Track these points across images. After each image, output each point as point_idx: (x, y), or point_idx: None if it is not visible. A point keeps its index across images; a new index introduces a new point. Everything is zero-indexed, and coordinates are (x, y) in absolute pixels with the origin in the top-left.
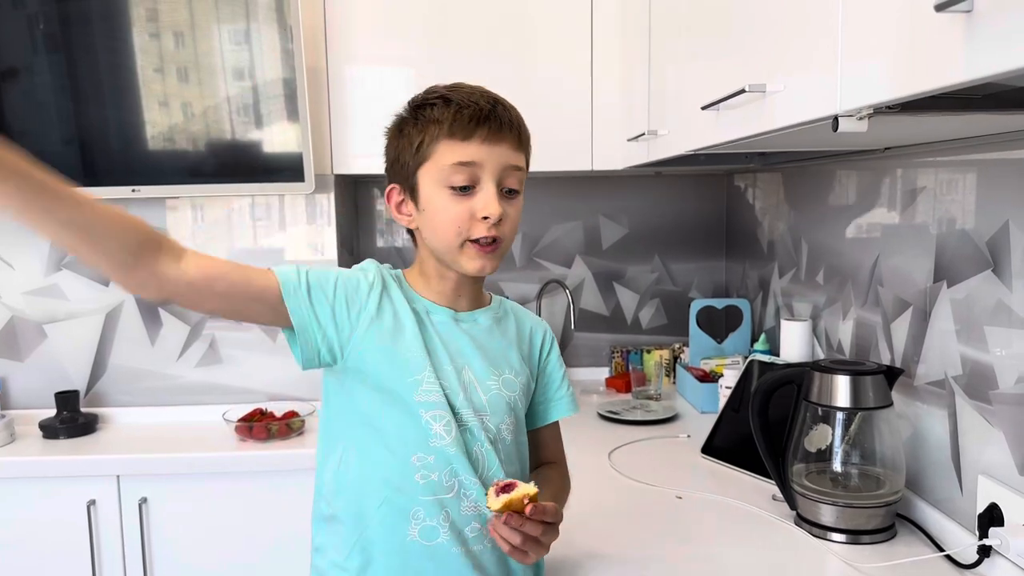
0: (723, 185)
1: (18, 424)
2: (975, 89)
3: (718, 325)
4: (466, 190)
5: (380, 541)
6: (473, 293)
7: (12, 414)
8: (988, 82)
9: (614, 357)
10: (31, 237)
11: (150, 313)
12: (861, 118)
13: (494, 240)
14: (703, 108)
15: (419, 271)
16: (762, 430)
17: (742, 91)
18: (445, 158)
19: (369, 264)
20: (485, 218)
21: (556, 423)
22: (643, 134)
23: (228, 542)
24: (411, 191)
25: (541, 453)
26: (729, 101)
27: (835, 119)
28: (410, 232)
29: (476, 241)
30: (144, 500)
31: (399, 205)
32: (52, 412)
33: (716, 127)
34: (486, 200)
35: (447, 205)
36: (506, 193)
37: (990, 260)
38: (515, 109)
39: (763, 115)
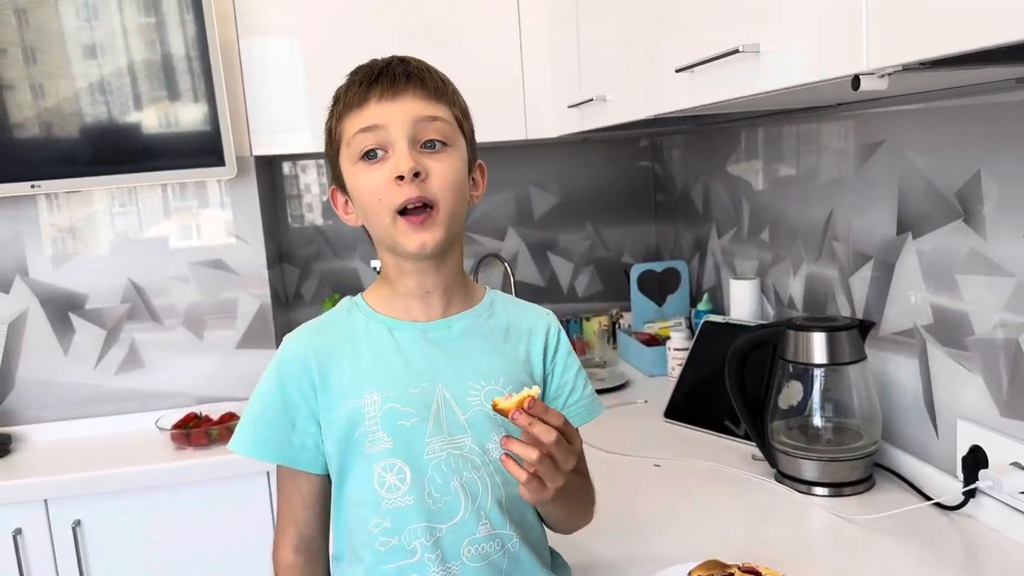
0: (649, 149)
1: None
2: None
3: (657, 288)
4: (374, 155)
5: None
6: (447, 288)
7: None
8: None
9: None
10: None
11: (60, 319)
12: (883, 76)
13: (424, 206)
14: (678, 70)
15: (382, 278)
16: (739, 391)
17: (735, 51)
18: (349, 131)
19: (285, 350)
20: (400, 178)
21: (576, 430)
22: (590, 100)
23: (177, 561)
24: (342, 185)
25: None
26: (712, 63)
27: (856, 78)
28: (367, 234)
29: (404, 212)
30: (78, 523)
31: (344, 206)
32: None
33: (691, 90)
34: (396, 157)
35: (363, 179)
36: (427, 148)
37: (960, 210)
38: (421, 61)
39: (755, 76)
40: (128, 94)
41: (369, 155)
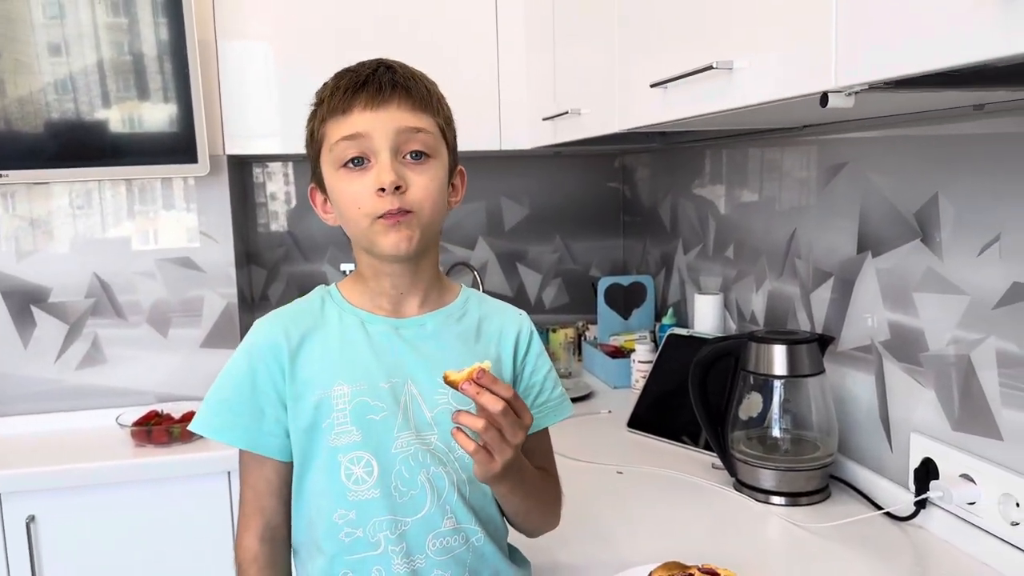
0: (619, 165)
1: None
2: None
3: (623, 302)
4: (359, 163)
5: None
6: (423, 290)
7: None
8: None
9: None
10: None
11: (20, 312)
12: (850, 95)
13: (401, 211)
14: (652, 85)
15: (357, 275)
16: (702, 400)
17: (709, 67)
18: (332, 137)
19: (256, 335)
20: (382, 190)
21: (545, 430)
22: (565, 113)
23: (133, 560)
24: (321, 185)
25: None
26: (686, 79)
27: (824, 95)
28: (345, 233)
29: (383, 216)
30: (32, 519)
31: (323, 205)
32: None
33: (664, 104)
34: (379, 168)
35: (345, 186)
36: (411, 159)
37: (918, 230)
38: (407, 68)
39: (728, 92)
40: (98, 91)
41: (352, 162)
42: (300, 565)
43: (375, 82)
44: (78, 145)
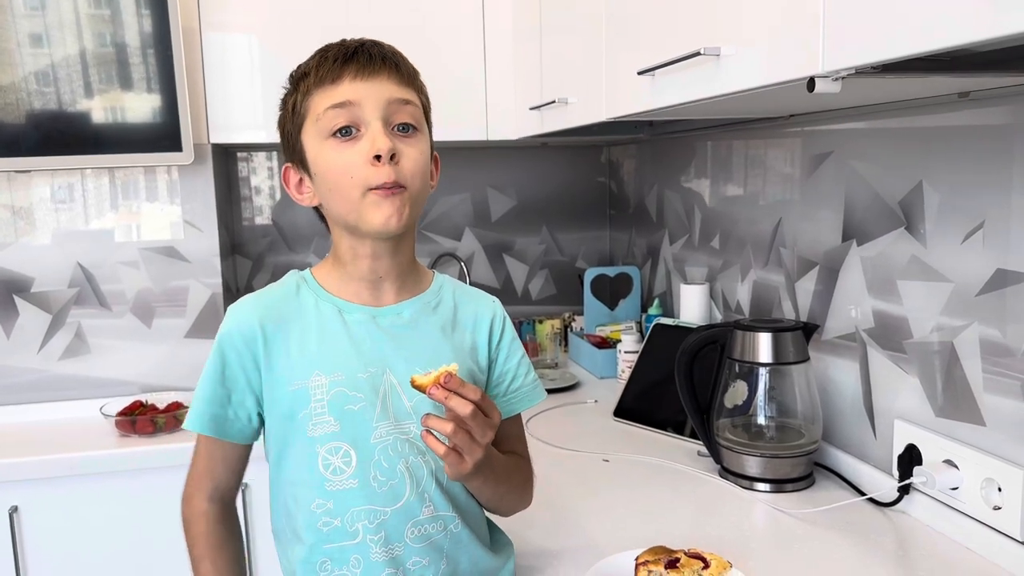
0: (605, 156)
1: None
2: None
3: (609, 292)
4: (348, 132)
5: None
6: (400, 275)
7: None
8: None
9: None
10: None
11: (2, 301)
12: (836, 80)
13: (396, 184)
14: (639, 73)
15: (333, 259)
16: (688, 388)
17: (696, 54)
18: (319, 107)
19: (231, 324)
20: (377, 158)
21: (518, 415)
22: (552, 102)
23: (118, 550)
24: (302, 162)
25: (501, 448)
26: (673, 66)
27: (811, 80)
28: (320, 215)
29: (377, 188)
30: (15, 509)
31: (298, 185)
32: None
33: (652, 92)
34: (372, 136)
35: (333, 155)
36: (399, 131)
37: (903, 219)
38: (392, 46)
39: (715, 79)
40: (80, 82)
41: (340, 132)
42: (281, 551)
43: (364, 53)
44: (60, 135)
